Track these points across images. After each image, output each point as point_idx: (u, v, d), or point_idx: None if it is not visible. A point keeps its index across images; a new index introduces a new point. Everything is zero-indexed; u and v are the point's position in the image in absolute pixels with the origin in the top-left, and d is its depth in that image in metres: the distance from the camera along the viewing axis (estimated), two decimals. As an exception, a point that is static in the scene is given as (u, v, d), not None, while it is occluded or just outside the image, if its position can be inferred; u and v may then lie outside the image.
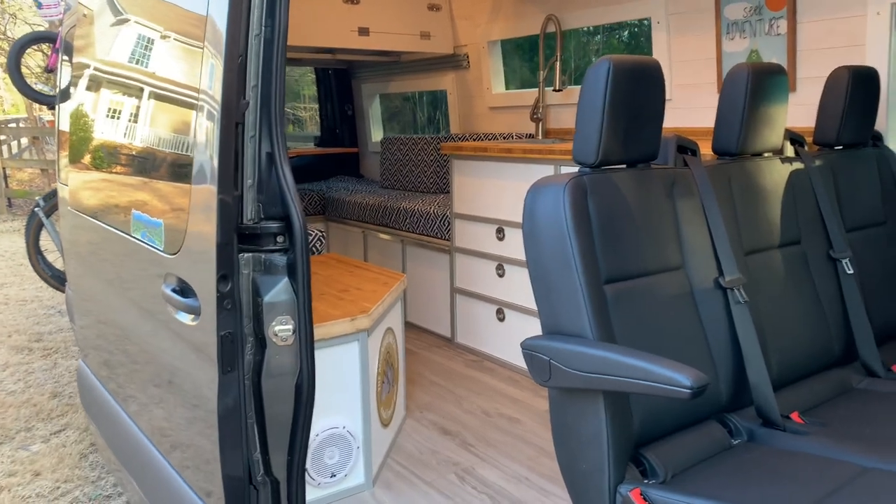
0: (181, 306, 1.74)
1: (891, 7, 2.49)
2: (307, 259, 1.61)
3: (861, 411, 1.85)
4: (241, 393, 1.65)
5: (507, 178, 3.30)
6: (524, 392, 3.18)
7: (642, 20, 3.43)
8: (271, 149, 1.59)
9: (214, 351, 1.58)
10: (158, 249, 1.83)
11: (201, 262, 1.58)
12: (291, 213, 1.57)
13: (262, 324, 1.62)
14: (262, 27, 1.52)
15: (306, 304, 1.58)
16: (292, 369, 1.67)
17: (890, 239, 2.39)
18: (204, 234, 1.55)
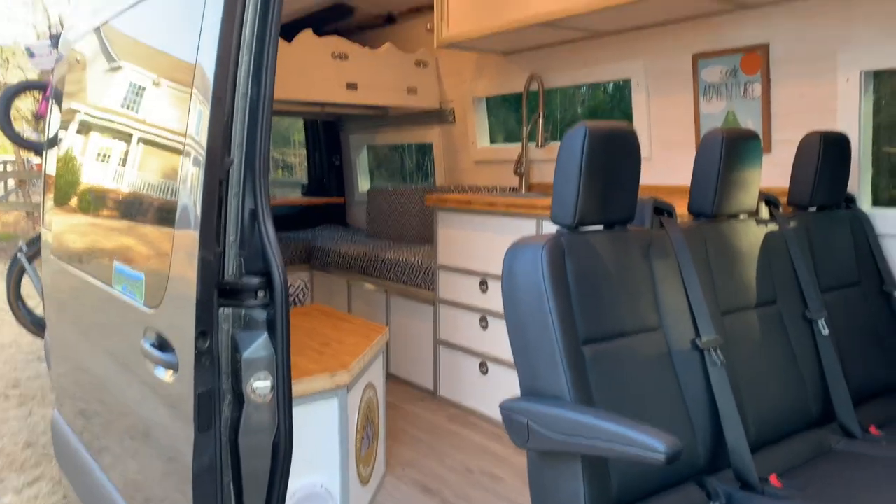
0: (159, 361, 1.73)
1: (860, 74, 2.59)
2: (287, 315, 1.62)
3: (839, 474, 1.85)
4: (218, 451, 1.63)
5: (490, 231, 3.34)
6: (507, 448, 3.15)
7: (623, 81, 3.53)
8: (254, 205, 1.61)
9: (191, 408, 1.57)
10: (138, 303, 1.83)
11: (181, 317, 1.58)
12: (273, 269, 1.58)
13: (240, 380, 1.61)
14: (249, 88, 1.55)
15: (285, 360, 1.58)
16: (270, 426, 1.66)
17: (864, 299, 2.43)
18: (185, 290, 1.56)
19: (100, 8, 2.28)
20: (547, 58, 3.80)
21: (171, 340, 1.69)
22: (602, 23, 3.22)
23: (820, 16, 2.68)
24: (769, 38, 2.85)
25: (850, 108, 2.62)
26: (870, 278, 2.48)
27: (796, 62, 2.78)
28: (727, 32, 2.99)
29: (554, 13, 3.08)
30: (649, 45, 3.29)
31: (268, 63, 1.58)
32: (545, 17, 3.14)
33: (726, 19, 2.98)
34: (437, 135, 4.69)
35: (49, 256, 2.62)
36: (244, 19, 1.53)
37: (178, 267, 1.62)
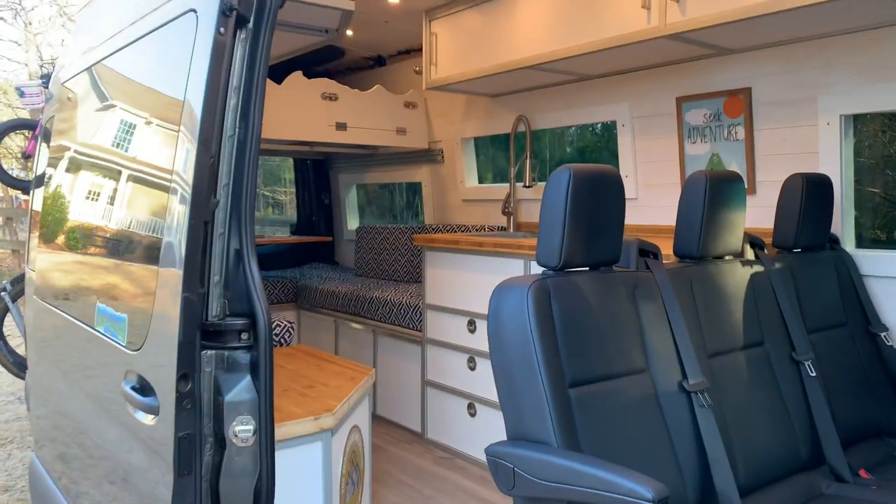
0: (140, 405, 1.70)
1: (840, 118, 2.63)
2: (271, 358, 1.60)
3: (830, 519, 1.83)
4: (198, 496, 1.60)
5: (478, 271, 3.33)
6: (494, 493, 3.09)
7: (609, 122, 3.57)
8: (240, 246, 1.60)
9: (171, 452, 1.53)
10: (120, 345, 1.80)
11: (163, 359, 1.56)
12: (257, 311, 1.56)
13: (222, 424, 1.58)
14: (236, 129, 1.56)
15: (268, 403, 1.55)
16: (252, 471, 1.62)
17: (851, 341, 2.43)
18: (167, 331, 1.54)
19: (90, 48, 2.30)
20: (534, 99, 3.85)
21: (151, 383, 1.66)
22: (587, 66, 3.28)
23: (801, 61, 2.74)
24: (751, 82, 2.90)
25: (831, 151, 2.66)
26: (856, 319, 2.49)
27: (778, 106, 2.83)
28: (710, 76, 3.05)
29: (540, 57, 3.13)
30: (634, 88, 3.35)
31: (255, 105, 1.59)
32: (531, 62, 3.19)
33: (709, 63, 3.04)
34: (425, 174, 4.72)
35: (32, 296, 2.59)
36: (232, 62, 1.54)
37: (161, 307, 1.61)
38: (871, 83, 2.55)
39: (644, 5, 2.66)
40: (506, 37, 3.32)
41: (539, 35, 3.14)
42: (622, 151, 3.44)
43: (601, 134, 4.29)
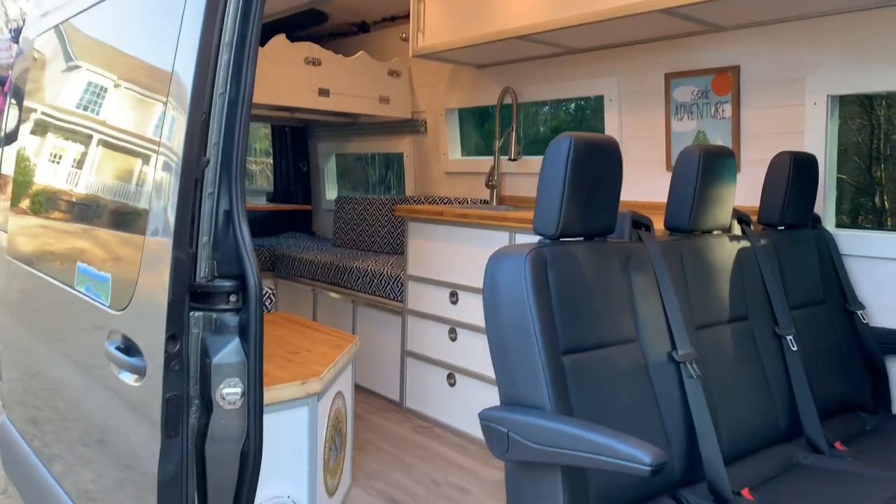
0: (125, 365, 1.67)
1: (827, 98, 2.66)
2: (261, 320, 1.57)
3: (808, 488, 1.88)
4: (184, 458, 1.58)
5: (462, 243, 3.32)
6: (473, 461, 3.12)
7: (595, 97, 3.56)
8: (230, 206, 1.57)
9: (157, 413, 1.51)
10: (103, 305, 1.76)
11: (150, 320, 1.52)
12: (248, 272, 1.54)
13: (209, 386, 1.56)
14: (228, 87, 1.52)
15: (258, 366, 1.53)
16: (239, 434, 1.61)
17: (829, 317, 2.49)
18: (155, 291, 1.50)
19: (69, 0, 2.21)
20: (521, 71, 3.82)
21: (138, 344, 1.63)
22: (577, 40, 3.26)
23: (790, 40, 2.75)
24: (740, 61, 2.91)
25: (817, 131, 2.69)
26: (834, 297, 2.54)
27: (766, 84, 2.85)
28: (699, 53, 3.05)
29: (531, 27, 3.10)
30: (623, 63, 3.34)
31: (248, 61, 1.55)
32: (521, 31, 3.15)
33: (699, 40, 3.04)
34: (408, 145, 4.68)
35: (4, 257, 2.51)
36: (225, 16, 1.49)
37: (148, 267, 1.57)
38: (859, 64, 2.58)
39: (640, -23, 2.64)
40: (497, 5, 3.28)
41: (532, 4, 3.10)
42: (609, 126, 3.44)
43: (574, 114, 4.29)
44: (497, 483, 2.92)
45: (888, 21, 2.50)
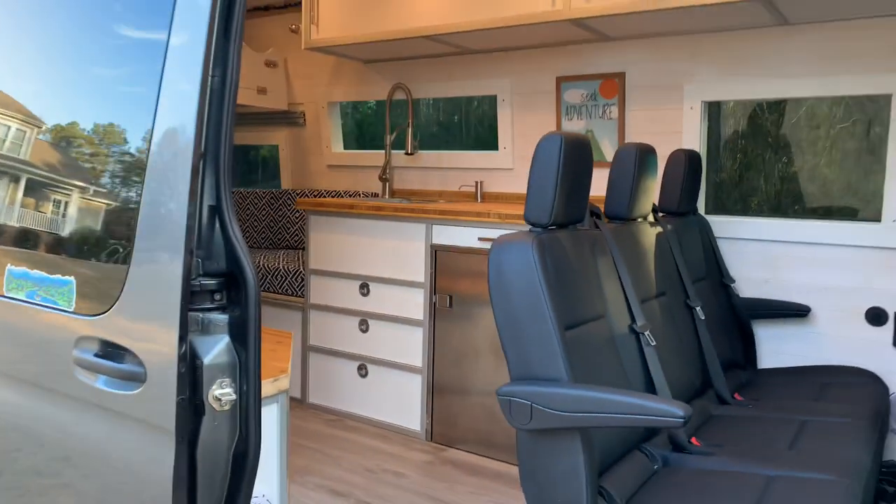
0: (116, 373, 1.57)
1: (701, 104, 3.11)
2: (258, 317, 1.57)
3: (734, 433, 2.24)
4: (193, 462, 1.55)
5: (375, 236, 3.38)
6: (397, 447, 3.21)
7: (490, 96, 3.79)
8: (216, 202, 1.54)
9: (164, 419, 1.45)
10: (64, 311, 1.63)
11: (147, 321, 1.46)
12: (245, 269, 1.51)
13: (199, 388, 1.53)
14: (211, 76, 1.47)
15: (255, 365, 1.49)
16: (230, 436, 1.60)
17: (712, 290, 2.93)
18: (150, 290, 1.44)
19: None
20: (411, 68, 3.94)
21: (131, 348, 1.54)
22: (474, 42, 3.45)
23: (670, 52, 3.18)
24: (626, 68, 3.29)
25: (693, 131, 3.14)
26: (713, 273, 2.99)
27: (648, 90, 3.26)
28: (589, 60, 3.39)
29: (437, 28, 3.24)
30: (516, 65, 3.60)
31: (235, 44, 1.49)
32: (425, 32, 3.28)
33: (588, 48, 3.38)
34: (283, 137, 4.59)
35: None
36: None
37: (142, 264, 1.48)
38: (728, 76, 3.05)
39: (550, -11, 2.90)
40: (395, 4, 3.37)
41: (433, 6, 3.24)
42: (501, 124, 3.68)
43: (475, 108, 4.44)
44: (427, 464, 3.05)
45: (751, 40, 2.99)
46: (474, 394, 3.15)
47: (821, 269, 2.94)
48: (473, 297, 3.12)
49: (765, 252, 3.05)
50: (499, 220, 2.97)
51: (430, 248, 3.21)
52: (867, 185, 3.01)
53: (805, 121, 3.15)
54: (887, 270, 2.81)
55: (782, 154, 3.19)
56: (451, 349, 3.20)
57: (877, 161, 2.94)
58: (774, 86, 2.97)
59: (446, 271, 3.18)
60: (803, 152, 3.16)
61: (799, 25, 2.88)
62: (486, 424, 3.12)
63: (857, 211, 3.05)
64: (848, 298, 2.90)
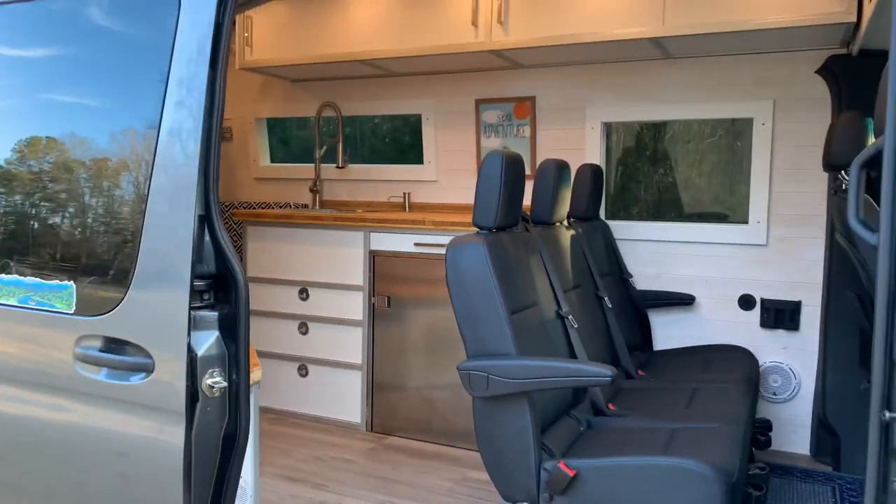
0: (125, 366, 1.78)
1: (601, 124, 3.61)
2: (247, 312, 1.81)
3: (641, 400, 2.70)
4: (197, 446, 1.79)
5: (314, 244, 3.64)
6: (341, 438, 3.48)
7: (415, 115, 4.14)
8: (204, 212, 1.80)
9: (173, 404, 1.66)
10: (64, 314, 1.81)
11: (154, 316, 1.65)
12: (235, 270, 1.68)
13: (195, 377, 1.75)
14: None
15: (244, 356, 1.73)
16: (220, 419, 1.84)
17: (615, 284, 3.41)
18: (155, 289, 1.65)
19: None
20: (338, 88, 4.23)
21: (139, 342, 1.74)
22: (401, 66, 3.80)
23: (574, 79, 3.66)
24: (536, 92, 3.75)
25: (594, 148, 3.63)
26: (615, 269, 3.48)
27: (556, 112, 3.72)
28: (504, 85, 3.82)
29: (370, 53, 3.56)
30: (439, 88, 3.97)
31: (221, 71, 1.64)
32: (360, 56, 3.60)
33: (503, 74, 3.81)
34: (209, 152, 4.72)
35: None
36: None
37: (147, 264, 1.67)
38: (623, 101, 3.57)
39: (473, 22, 3.30)
40: (327, 30, 3.66)
41: (372, 33, 3.56)
42: (426, 142, 4.04)
43: (401, 126, 4.72)
44: (371, 451, 3.34)
45: (640, 71, 3.52)
46: (412, 386, 3.47)
47: (702, 263, 3.49)
48: (410, 298, 3.45)
49: (656, 251, 3.58)
50: (433, 227, 3.32)
51: (368, 253, 3.52)
52: (736, 192, 3.60)
53: (680, 136, 3.72)
54: (754, 264, 3.40)
55: (660, 166, 3.75)
56: (390, 346, 3.51)
57: (738, 171, 3.54)
58: (660, 110, 3.51)
59: (384, 275, 3.49)
60: (679, 164, 3.73)
61: (680, 59, 3.43)
62: (424, 413, 3.45)
63: (726, 215, 3.64)
64: (724, 288, 3.46)
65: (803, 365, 3.35)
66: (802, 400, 3.36)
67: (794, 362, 3.37)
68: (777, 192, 3.34)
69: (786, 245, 3.34)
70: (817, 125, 3.21)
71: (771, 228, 3.36)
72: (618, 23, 3.07)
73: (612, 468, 1.98)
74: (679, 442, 2.17)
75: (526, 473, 2.04)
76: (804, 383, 3.35)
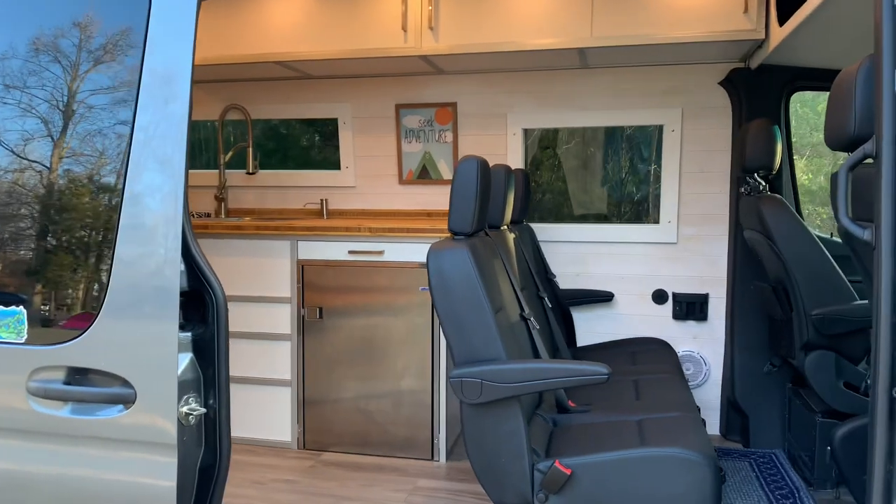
0: (103, 398, 1.61)
1: (521, 130, 3.71)
2: (225, 333, 1.69)
3: (593, 396, 2.80)
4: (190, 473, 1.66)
5: (233, 255, 3.42)
6: (273, 459, 3.30)
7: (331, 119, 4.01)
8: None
9: (160, 435, 1.52)
10: (14, 344, 1.61)
11: (130, 338, 1.51)
12: (214, 285, 1.59)
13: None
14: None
15: (223, 379, 1.60)
16: (196, 450, 1.72)
17: (543, 284, 3.52)
18: (129, 312, 1.50)
19: None
20: (245, 90, 4.01)
21: (115, 371, 1.58)
22: (316, 68, 3.67)
23: (495, 86, 3.73)
24: (458, 98, 3.78)
25: (516, 154, 3.73)
26: (541, 269, 3.59)
27: (477, 118, 3.78)
28: (425, 90, 3.81)
29: (290, 55, 3.42)
30: (356, 91, 3.89)
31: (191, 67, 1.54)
32: (277, 58, 3.44)
33: (425, 79, 3.80)
34: (91, 158, 4.30)
35: None
36: None
37: (122, 287, 1.51)
38: (541, 108, 3.69)
39: (402, 27, 3.26)
40: (245, 30, 3.47)
41: (290, 34, 3.41)
42: (343, 145, 3.94)
43: (316, 129, 4.55)
44: (311, 468, 3.20)
45: (559, 79, 3.66)
46: (347, 398, 3.37)
47: (619, 262, 3.70)
48: (344, 308, 3.34)
49: (576, 251, 3.74)
50: (370, 233, 3.24)
51: (296, 263, 3.36)
52: (649, 193, 3.85)
53: (590, 143, 3.92)
54: (666, 260, 3.65)
55: (574, 171, 3.93)
56: (323, 358, 3.38)
57: (650, 175, 3.79)
58: (578, 116, 3.67)
59: (315, 285, 3.35)
60: (585, 169, 3.93)
61: (596, 68, 3.61)
62: (361, 426, 3.36)
63: (641, 216, 3.88)
64: (640, 284, 3.68)
65: (712, 352, 3.64)
66: (712, 385, 3.65)
67: (703, 350, 3.65)
68: (685, 194, 3.61)
69: (694, 242, 3.62)
70: (720, 132, 3.52)
71: (680, 227, 3.62)
72: (548, 32, 3.17)
73: (606, 463, 2.04)
74: (652, 433, 2.27)
75: (520, 476, 2.06)
76: (713, 369, 3.64)
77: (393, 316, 3.27)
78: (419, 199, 3.89)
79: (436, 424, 3.26)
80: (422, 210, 3.88)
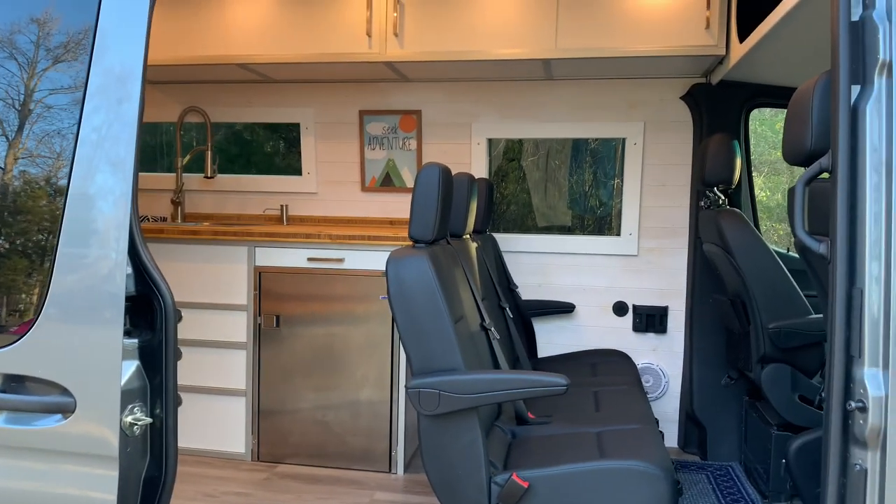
0: (40, 407, 1.54)
1: (486, 140, 3.70)
2: (173, 340, 1.64)
3: (552, 407, 2.78)
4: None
5: (188, 261, 3.32)
6: (225, 471, 3.20)
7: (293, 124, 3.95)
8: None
9: (101, 450, 1.46)
10: None
11: (70, 344, 1.45)
12: (162, 289, 1.55)
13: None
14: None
15: (171, 387, 1.55)
16: (141, 462, 1.66)
17: (504, 293, 3.51)
18: (69, 316, 1.44)
19: None
20: (208, 92, 3.93)
21: (54, 378, 1.52)
22: (282, 72, 3.62)
23: (460, 95, 3.71)
24: (422, 106, 3.75)
25: (480, 163, 3.71)
26: (503, 280, 3.58)
27: (442, 126, 3.75)
28: (389, 97, 3.78)
29: (251, 57, 3.36)
30: (319, 97, 3.83)
31: (144, 68, 1.52)
32: (239, 60, 3.38)
33: (389, 86, 3.77)
34: (43, 158, 4.16)
35: None
36: None
37: (62, 289, 1.46)
38: (506, 118, 3.69)
39: (367, 33, 3.23)
40: (206, 30, 3.40)
41: (254, 36, 3.35)
42: (305, 151, 3.88)
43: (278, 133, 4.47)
44: (266, 481, 3.11)
45: (523, 90, 3.66)
46: (304, 408, 3.29)
47: (580, 273, 3.70)
48: (302, 316, 3.27)
49: (538, 262, 3.73)
50: (330, 240, 3.19)
51: (253, 270, 3.28)
52: (610, 206, 3.87)
53: (555, 156, 3.93)
54: (627, 273, 3.67)
55: (538, 182, 3.94)
56: (279, 368, 3.30)
57: (607, 190, 3.81)
58: (542, 128, 3.68)
59: (272, 293, 3.28)
60: (550, 181, 3.93)
61: (561, 80, 3.62)
62: (317, 437, 3.28)
63: (603, 228, 3.89)
64: (601, 296, 3.69)
65: (670, 365, 3.66)
66: (670, 397, 3.67)
67: (662, 363, 3.67)
68: (646, 207, 3.63)
69: (654, 255, 3.65)
70: (681, 146, 3.56)
71: (641, 240, 3.64)
72: (514, 42, 3.17)
73: (563, 476, 2.01)
74: (611, 445, 2.26)
75: (476, 489, 2.02)
76: (672, 382, 3.66)
77: (352, 325, 3.22)
78: (382, 206, 3.85)
79: (394, 436, 3.21)
80: (384, 218, 3.84)
